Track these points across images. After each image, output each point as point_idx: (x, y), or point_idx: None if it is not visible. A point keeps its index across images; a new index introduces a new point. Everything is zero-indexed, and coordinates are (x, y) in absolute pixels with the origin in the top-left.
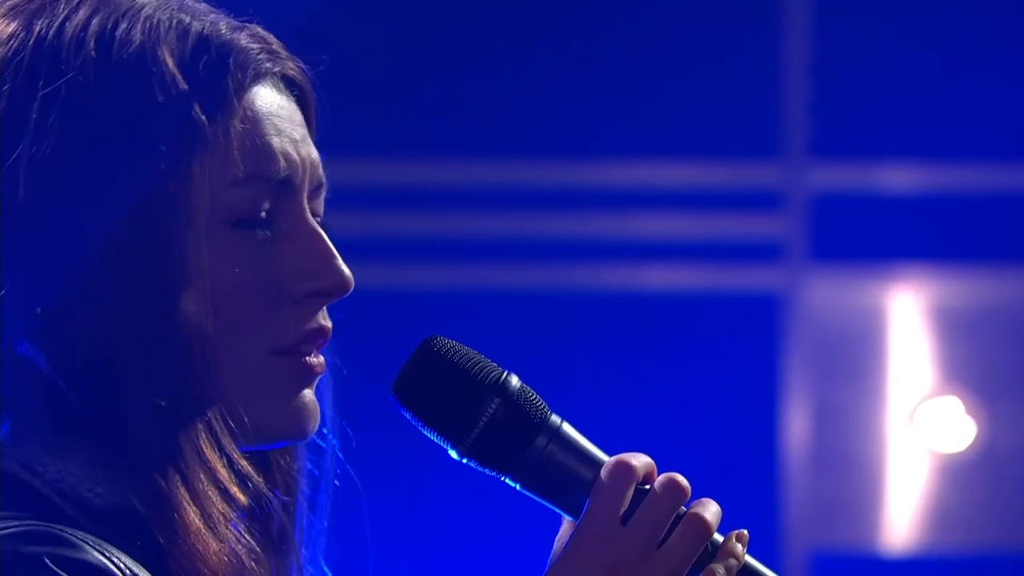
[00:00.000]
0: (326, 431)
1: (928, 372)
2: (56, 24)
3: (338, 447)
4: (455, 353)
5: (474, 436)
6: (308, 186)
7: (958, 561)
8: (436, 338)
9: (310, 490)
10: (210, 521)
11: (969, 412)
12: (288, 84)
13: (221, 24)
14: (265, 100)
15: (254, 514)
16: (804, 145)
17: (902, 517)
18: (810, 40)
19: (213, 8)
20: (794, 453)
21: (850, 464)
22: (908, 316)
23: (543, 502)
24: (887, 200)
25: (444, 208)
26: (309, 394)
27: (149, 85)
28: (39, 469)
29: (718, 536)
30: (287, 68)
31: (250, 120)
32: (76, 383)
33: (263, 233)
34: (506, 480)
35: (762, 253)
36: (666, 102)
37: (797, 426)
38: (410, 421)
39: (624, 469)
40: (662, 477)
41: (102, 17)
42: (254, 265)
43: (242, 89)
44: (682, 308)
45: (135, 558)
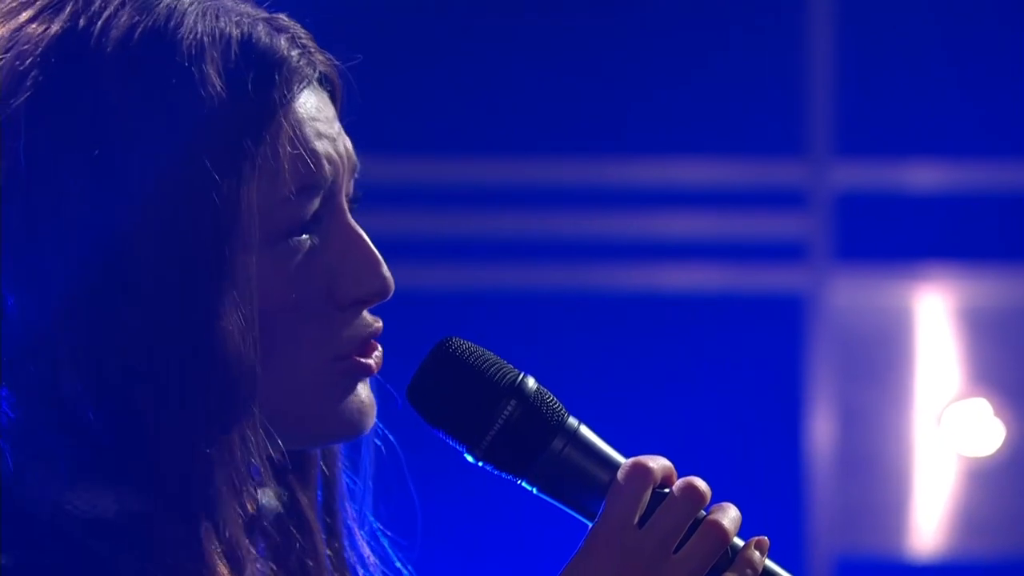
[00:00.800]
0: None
1: (955, 374)
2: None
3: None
4: (471, 355)
5: (490, 439)
6: (347, 180)
7: (986, 566)
8: (451, 339)
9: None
10: (237, 565)
11: (997, 414)
12: (320, 80)
13: (260, 28)
14: (306, 106)
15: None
16: (828, 142)
17: (929, 522)
18: (835, 36)
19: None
20: (819, 457)
21: (876, 468)
22: (935, 317)
23: (560, 506)
24: (913, 198)
25: (461, 207)
26: (364, 391)
27: (197, 110)
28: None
29: (738, 541)
30: (321, 66)
31: (296, 134)
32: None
33: (307, 240)
34: (522, 484)
35: (785, 253)
36: (688, 99)
37: (822, 429)
38: (425, 424)
39: (641, 471)
40: (680, 481)
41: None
42: (300, 278)
43: (287, 104)
44: (704, 309)
45: None
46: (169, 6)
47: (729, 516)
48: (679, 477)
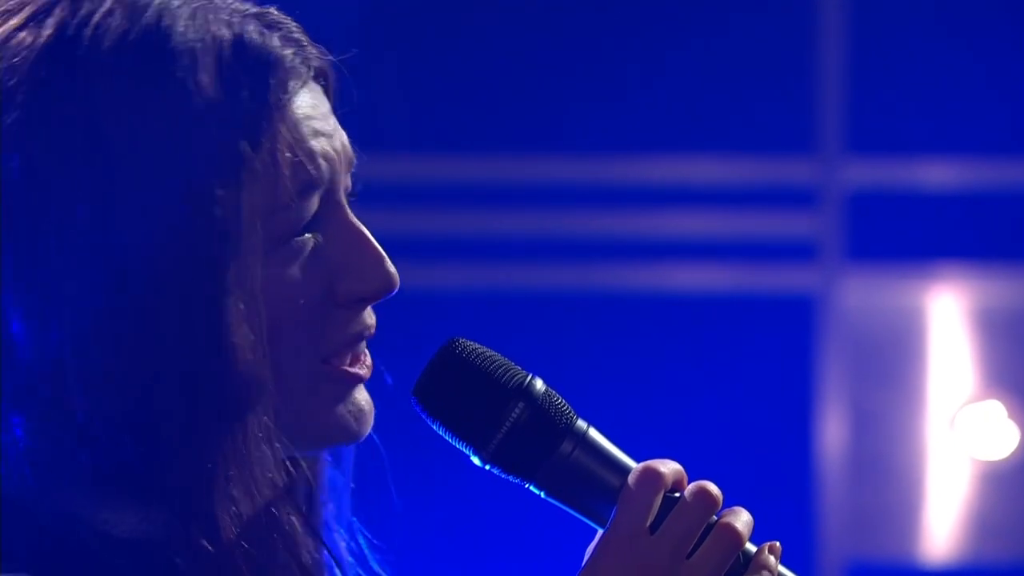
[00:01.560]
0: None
1: (969, 376)
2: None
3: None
4: (477, 356)
5: (497, 442)
6: (345, 175)
7: (1000, 571)
8: (458, 340)
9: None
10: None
11: (1012, 417)
12: (315, 76)
13: (251, 27)
14: (302, 105)
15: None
16: (839, 140)
17: (942, 526)
18: (846, 31)
19: None
20: (830, 460)
21: (888, 472)
22: (948, 318)
23: (568, 510)
24: (926, 197)
25: (466, 206)
26: (363, 395)
27: (192, 119)
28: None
29: (750, 546)
30: (314, 63)
31: (294, 136)
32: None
33: (308, 239)
34: (530, 488)
35: (796, 252)
36: (696, 95)
37: (833, 432)
38: (431, 426)
39: (652, 476)
40: (692, 485)
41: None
42: (304, 281)
43: (283, 106)
44: (712, 310)
45: None
46: (158, 10)
47: (742, 520)
48: (689, 481)
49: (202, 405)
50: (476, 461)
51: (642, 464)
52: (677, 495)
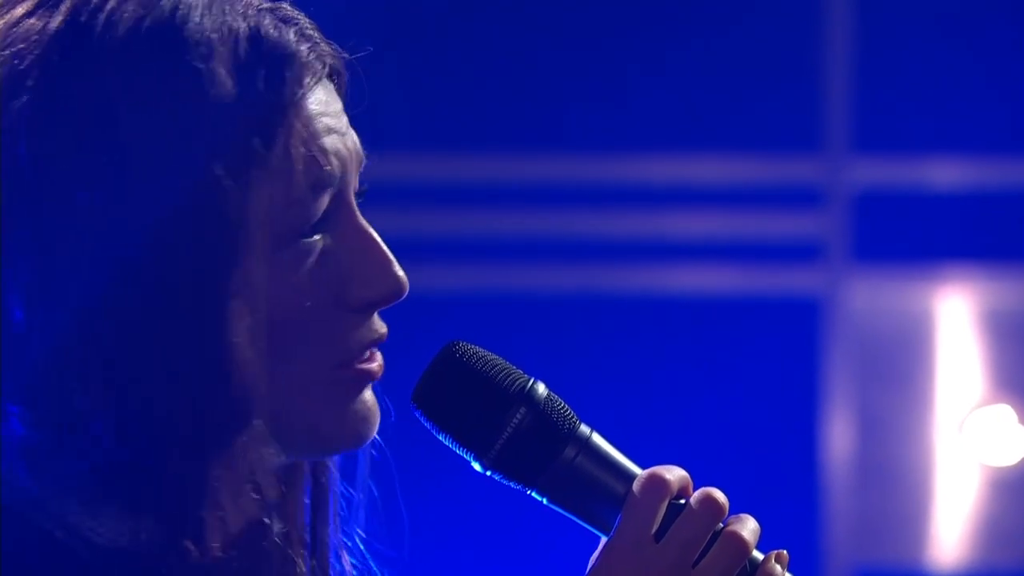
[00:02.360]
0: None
1: (978, 379)
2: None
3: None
4: (478, 359)
5: (499, 447)
6: (355, 175)
7: None
8: (458, 343)
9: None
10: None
11: (1022, 422)
12: (328, 73)
13: (267, 21)
14: (316, 102)
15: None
16: (846, 139)
17: (950, 533)
18: (852, 29)
19: None
20: (836, 466)
21: (895, 477)
22: (957, 320)
23: (572, 517)
24: (934, 197)
25: (466, 206)
26: (369, 397)
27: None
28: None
29: (757, 554)
30: (328, 60)
31: (307, 132)
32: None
33: (317, 240)
34: (532, 494)
35: (801, 253)
36: (700, 94)
37: (839, 437)
38: (431, 431)
39: (658, 483)
40: (698, 492)
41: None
42: (311, 282)
43: (298, 102)
44: (716, 312)
45: None
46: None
47: (748, 528)
48: (695, 488)
49: (195, 400)
50: (477, 467)
51: (647, 471)
52: (683, 502)
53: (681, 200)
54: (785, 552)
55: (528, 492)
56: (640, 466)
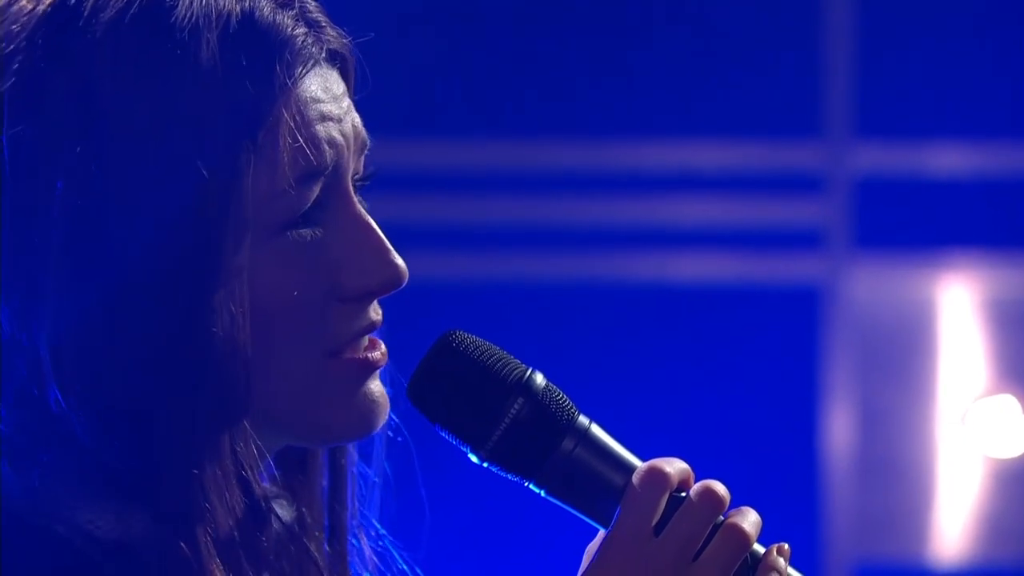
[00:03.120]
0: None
1: (981, 369)
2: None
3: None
4: (475, 349)
5: (496, 438)
6: (354, 159)
7: (1013, 574)
8: (455, 333)
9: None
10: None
11: None
12: (330, 57)
13: (263, 4)
14: (310, 88)
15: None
16: (847, 124)
17: (953, 527)
18: (853, 13)
19: None
20: (837, 458)
21: (897, 470)
22: (959, 309)
23: (570, 510)
24: (936, 183)
25: (463, 193)
26: (375, 387)
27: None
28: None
29: (758, 547)
30: (330, 44)
31: (297, 120)
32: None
33: (311, 231)
34: (530, 486)
35: (802, 241)
36: (701, 80)
37: (840, 429)
38: (427, 422)
39: (658, 475)
40: (698, 485)
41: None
42: (303, 269)
43: (288, 90)
44: (715, 300)
45: None
46: None
47: (749, 520)
48: (695, 480)
49: (179, 393)
50: (474, 458)
51: (647, 463)
52: (683, 495)
53: (681, 187)
54: (787, 545)
55: (526, 484)
56: (639, 458)
